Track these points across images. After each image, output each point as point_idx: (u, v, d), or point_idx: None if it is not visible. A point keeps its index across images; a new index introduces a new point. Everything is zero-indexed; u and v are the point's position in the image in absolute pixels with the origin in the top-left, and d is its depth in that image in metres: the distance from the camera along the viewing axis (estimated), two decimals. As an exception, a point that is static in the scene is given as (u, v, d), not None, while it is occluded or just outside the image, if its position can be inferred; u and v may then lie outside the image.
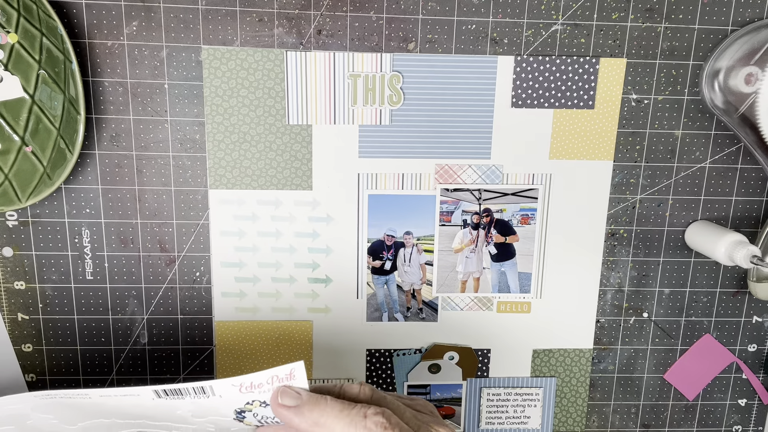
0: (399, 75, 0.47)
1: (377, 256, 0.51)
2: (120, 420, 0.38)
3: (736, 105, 0.46)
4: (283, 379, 0.33)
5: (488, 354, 0.53)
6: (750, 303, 0.54)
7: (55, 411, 0.38)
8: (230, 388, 0.33)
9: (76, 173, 0.47)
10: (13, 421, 0.38)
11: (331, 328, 0.52)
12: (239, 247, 0.49)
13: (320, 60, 0.46)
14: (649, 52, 0.48)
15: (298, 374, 0.33)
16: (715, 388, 0.56)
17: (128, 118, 0.47)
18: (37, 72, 0.43)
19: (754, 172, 0.51)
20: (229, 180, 0.48)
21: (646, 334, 0.54)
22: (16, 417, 0.38)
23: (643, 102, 0.49)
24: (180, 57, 0.46)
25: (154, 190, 0.48)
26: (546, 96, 0.48)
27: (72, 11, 0.44)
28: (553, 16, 0.47)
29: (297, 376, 0.33)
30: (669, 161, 0.50)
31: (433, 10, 0.46)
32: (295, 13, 0.46)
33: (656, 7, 0.47)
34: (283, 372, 0.33)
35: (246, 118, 0.47)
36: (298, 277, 0.50)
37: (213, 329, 0.51)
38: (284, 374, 0.33)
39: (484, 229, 0.51)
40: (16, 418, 0.38)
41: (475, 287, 0.52)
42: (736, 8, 0.48)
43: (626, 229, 0.52)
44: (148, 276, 0.50)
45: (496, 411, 0.55)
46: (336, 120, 0.48)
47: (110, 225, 0.48)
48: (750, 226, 0.52)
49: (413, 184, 0.49)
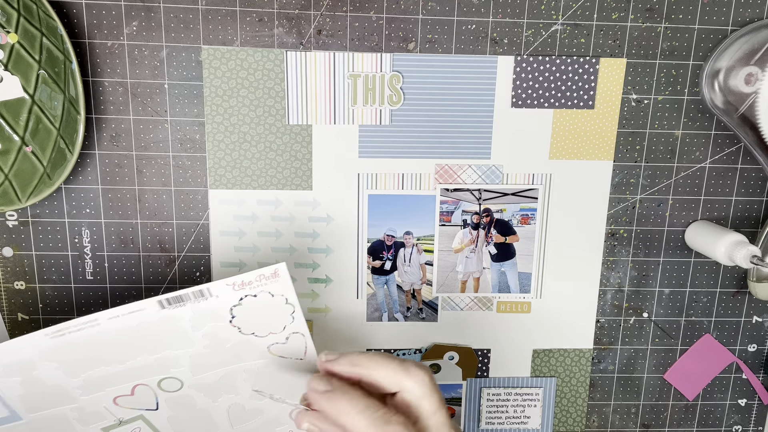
0: (399, 75, 0.47)
1: (377, 256, 0.51)
2: (120, 365, 0.40)
3: (736, 105, 0.46)
4: (269, 277, 0.38)
5: (488, 354, 0.53)
6: (750, 303, 0.54)
7: (61, 356, 0.39)
8: (224, 287, 0.38)
9: (76, 173, 0.47)
10: (19, 371, 0.39)
11: (331, 328, 0.52)
12: (239, 247, 0.49)
13: (320, 60, 0.46)
14: (649, 52, 0.48)
15: (282, 274, 0.38)
16: (715, 388, 0.56)
17: (128, 118, 0.47)
18: (37, 72, 0.43)
19: (754, 172, 0.51)
20: (229, 180, 0.48)
21: (646, 334, 0.54)
22: (22, 365, 0.39)
23: (643, 102, 0.49)
24: (180, 57, 0.46)
25: (154, 190, 0.48)
26: (546, 96, 0.48)
27: (72, 11, 0.44)
28: (553, 16, 0.47)
29: (280, 275, 0.38)
30: (669, 161, 0.50)
31: (433, 10, 0.46)
32: (295, 13, 0.46)
33: (656, 7, 0.47)
34: (269, 272, 0.38)
35: (246, 118, 0.47)
36: (298, 277, 0.50)
37: (213, 329, 0.51)
38: (269, 273, 0.38)
39: (484, 229, 0.51)
40: (22, 366, 0.39)
41: (475, 287, 0.52)
42: (736, 8, 0.48)
43: (626, 229, 0.52)
44: (148, 276, 0.50)
45: (496, 411, 0.55)
46: (336, 120, 0.48)
47: (110, 225, 0.48)
48: (750, 226, 0.52)
49: (413, 184, 0.49)
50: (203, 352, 0.41)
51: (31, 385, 0.40)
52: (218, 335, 0.40)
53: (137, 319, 0.38)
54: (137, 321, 0.38)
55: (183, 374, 0.42)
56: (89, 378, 0.41)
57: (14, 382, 0.40)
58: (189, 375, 0.42)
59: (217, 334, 0.40)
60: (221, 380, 0.43)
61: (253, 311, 0.40)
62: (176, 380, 0.42)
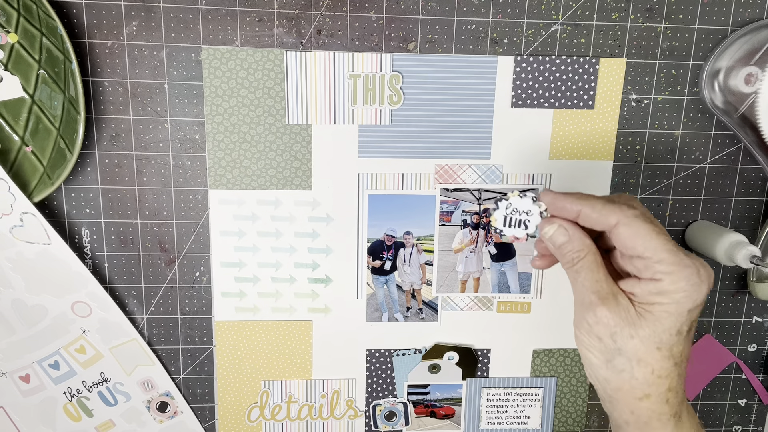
0: (399, 75, 0.47)
1: (377, 256, 0.51)
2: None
3: (736, 105, 0.46)
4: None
5: (488, 354, 0.53)
6: (750, 303, 0.54)
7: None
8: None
9: (76, 173, 0.47)
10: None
11: (331, 328, 0.52)
12: (239, 247, 0.49)
13: (320, 60, 0.46)
14: (649, 52, 0.48)
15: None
16: (715, 388, 0.56)
17: (128, 118, 0.47)
18: (37, 72, 0.43)
19: (754, 172, 0.51)
20: (229, 180, 0.48)
21: (646, 334, 0.54)
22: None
23: (643, 102, 0.49)
24: (180, 57, 0.46)
25: (154, 190, 0.48)
26: (546, 96, 0.48)
27: (72, 11, 0.44)
28: (553, 16, 0.47)
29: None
30: (669, 161, 0.50)
31: (433, 10, 0.46)
32: (295, 13, 0.46)
33: (656, 7, 0.47)
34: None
35: (246, 118, 0.47)
36: (298, 277, 0.50)
37: (213, 329, 0.51)
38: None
39: (484, 229, 0.51)
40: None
41: (475, 287, 0.52)
42: (736, 8, 0.48)
43: (626, 229, 0.52)
44: (148, 276, 0.50)
45: (496, 411, 0.55)
46: (336, 120, 0.48)
47: (110, 225, 0.48)
48: (750, 226, 0.52)
49: (413, 184, 0.49)
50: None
51: None
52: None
53: None
54: None
55: None
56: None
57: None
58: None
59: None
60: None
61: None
62: None
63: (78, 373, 0.50)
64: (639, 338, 0.34)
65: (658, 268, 0.33)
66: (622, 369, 0.34)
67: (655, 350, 0.34)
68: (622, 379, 0.35)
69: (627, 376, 0.34)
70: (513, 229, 0.39)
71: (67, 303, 0.47)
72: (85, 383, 0.50)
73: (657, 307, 0.33)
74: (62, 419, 0.51)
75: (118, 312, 0.48)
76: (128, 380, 0.50)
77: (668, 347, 0.34)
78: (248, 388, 0.52)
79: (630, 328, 0.34)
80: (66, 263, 0.46)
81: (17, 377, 0.49)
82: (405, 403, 0.54)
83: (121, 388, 0.51)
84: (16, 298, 0.46)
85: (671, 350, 0.34)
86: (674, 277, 0.33)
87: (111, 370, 0.50)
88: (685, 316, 0.33)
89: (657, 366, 0.34)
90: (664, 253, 0.33)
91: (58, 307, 0.47)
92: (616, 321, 0.34)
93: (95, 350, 0.49)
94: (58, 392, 0.50)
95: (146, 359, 0.50)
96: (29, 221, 0.44)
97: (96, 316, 0.48)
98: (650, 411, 0.35)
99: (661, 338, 0.33)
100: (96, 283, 0.47)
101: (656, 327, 0.33)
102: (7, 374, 0.49)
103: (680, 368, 0.34)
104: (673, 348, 0.34)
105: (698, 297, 0.33)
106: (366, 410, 0.54)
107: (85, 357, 0.49)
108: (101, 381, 0.50)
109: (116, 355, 0.50)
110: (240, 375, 0.52)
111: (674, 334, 0.33)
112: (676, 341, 0.34)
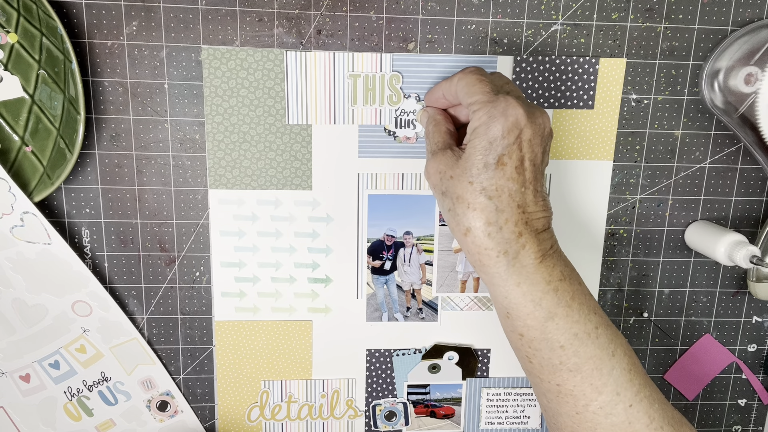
0: (399, 75, 0.47)
1: (377, 256, 0.51)
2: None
3: (735, 105, 0.46)
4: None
5: (488, 354, 0.53)
6: (750, 303, 0.54)
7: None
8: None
9: (76, 173, 0.47)
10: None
11: (331, 328, 0.52)
12: (239, 247, 0.49)
13: (320, 60, 0.46)
14: (648, 52, 0.48)
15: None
16: (714, 388, 0.56)
17: (128, 118, 0.47)
18: (36, 72, 0.43)
19: (754, 172, 0.51)
20: (229, 180, 0.48)
21: (645, 334, 0.54)
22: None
23: (643, 102, 0.49)
24: (180, 57, 0.46)
25: (154, 190, 0.48)
26: (546, 96, 0.48)
27: (72, 11, 0.45)
28: (553, 16, 0.47)
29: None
30: (669, 161, 0.50)
31: (433, 10, 0.46)
32: (295, 13, 0.46)
33: (656, 7, 0.47)
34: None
35: (246, 118, 0.47)
36: (298, 277, 0.50)
37: (213, 329, 0.51)
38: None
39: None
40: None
41: (475, 287, 0.52)
42: (736, 8, 0.48)
43: (626, 229, 0.52)
44: (148, 276, 0.50)
45: (496, 411, 0.55)
46: (336, 120, 0.48)
47: (110, 225, 0.48)
48: (750, 226, 0.52)
49: (413, 184, 0.49)
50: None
51: None
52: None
53: None
54: None
55: None
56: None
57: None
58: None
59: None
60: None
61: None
62: None
63: (78, 372, 0.50)
64: (456, 177, 0.36)
65: (472, 108, 0.36)
66: (449, 208, 0.37)
67: (467, 185, 0.36)
68: (450, 218, 0.37)
69: (452, 214, 0.37)
70: (403, 130, 0.45)
71: (67, 302, 0.47)
72: (86, 383, 0.50)
73: (468, 145, 0.36)
74: (62, 419, 0.51)
75: (118, 311, 0.48)
76: (128, 379, 0.50)
77: (479, 182, 0.35)
78: (248, 388, 0.53)
79: (450, 170, 0.37)
80: (66, 263, 0.46)
81: (17, 377, 0.49)
82: (405, 403, 0.54)
83: (122, 388, 0.51)
84: (16, 297, 0.46)
85: (482, 184, 0.35)
86: (479, 114, 0.36)
87: (111, 370, 0.50)
88: (489, 148, 0.35)
89: (471, 200, 0.36)
90: (478, 95, 0.36)
91: (58, 307, 0.47)
92: (441, 167, 0.38)
93: (95, 350, 0.49)
94: (59, 392, 0.50)
95: (146, 358, 0.50)
96: (30, 221, 0.44)
97: (96, 315, 0.48)
98: (475, 246, 0.36)
99: (471, 173, 0.36)
100: (96, 282, 0.47)
101: (467, 163, 0.36)
102: (7, 374, 0.49)
103: (497, 203, 0.35)
104: (484, 182, 0.35)
105: (496, 127, 0.35)
106: (366, 410, 0.54)
107: (86, 356, 0.49)
108: (101, 380, 0.50)
109: (116, 355, 0.50)
110: (240, 375, 0.52)
111: (482, 168, 0.35)
112: (486, 175, 0.35)
